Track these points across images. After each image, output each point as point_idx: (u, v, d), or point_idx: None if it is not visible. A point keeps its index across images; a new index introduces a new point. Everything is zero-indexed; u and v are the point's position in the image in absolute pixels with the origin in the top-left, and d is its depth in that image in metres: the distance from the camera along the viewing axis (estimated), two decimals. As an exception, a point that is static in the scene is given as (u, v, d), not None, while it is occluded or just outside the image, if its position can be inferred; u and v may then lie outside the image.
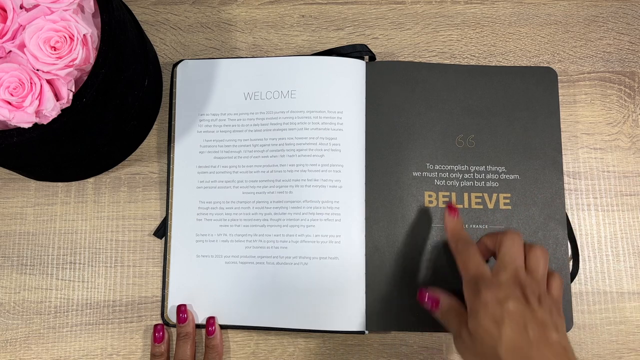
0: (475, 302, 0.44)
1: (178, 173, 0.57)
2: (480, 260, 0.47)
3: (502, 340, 0.42)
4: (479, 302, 0.44)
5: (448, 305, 0.48)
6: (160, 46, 0.60)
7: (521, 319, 0.42)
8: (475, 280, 0.45)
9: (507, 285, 0.44)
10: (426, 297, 0.49)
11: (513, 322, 0.42)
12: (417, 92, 0.57)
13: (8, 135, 0.42)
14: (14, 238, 0.57)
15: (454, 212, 0.51)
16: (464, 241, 0.49)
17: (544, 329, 0.42)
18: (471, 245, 0.48)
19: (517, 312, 0.43)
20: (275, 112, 0.56)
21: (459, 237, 0.50)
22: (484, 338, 0.43)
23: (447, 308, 0.48)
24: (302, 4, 0.61)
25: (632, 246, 0.56)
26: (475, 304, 0.44)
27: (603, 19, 0.61)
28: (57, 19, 0.42)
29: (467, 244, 0.48)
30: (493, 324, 0.42)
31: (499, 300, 0.43)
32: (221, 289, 0.55)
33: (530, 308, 0.43)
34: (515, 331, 0.42)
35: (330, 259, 0.54)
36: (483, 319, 0.43)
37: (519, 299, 0.43)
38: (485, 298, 0.43)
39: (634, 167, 0.58)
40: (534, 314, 0.43)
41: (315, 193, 0.54)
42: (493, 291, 0.44)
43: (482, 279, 0.45)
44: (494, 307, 0.43)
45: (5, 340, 0.55)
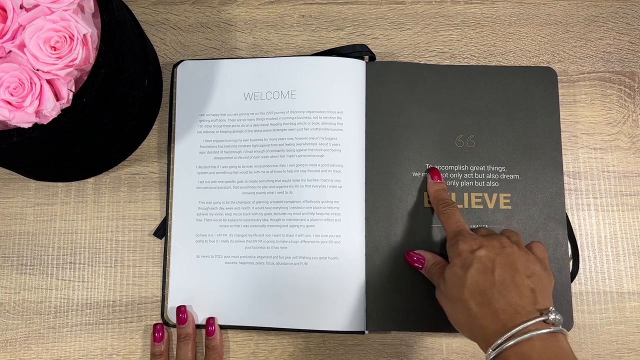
0: (452, 253, 0.48)
1: (178, 173, 0.57)
2: (460, 219, 0.50)
3: (466, 282, 0.44)
4: (455, 252, 0.47)
5: (432, 261, 0.51)
6: (160, 46, 0.60)
7: (489, 263, 0.45)
8: (455, 235, 0.49)
9: (484, 238, 0.47)
10: (413, 256, 0.52)
11: (480, 265, 0.45)
12: (417, 92, 0.57)
13: (8, 135, 0.42)
14: (14, 238, 0.57)
15: (437, 176, 0.54)
16: (446, 202, 0.52)
17: (514, 272, 0.44)
18: (452, 206, 0.52)
19: (486, 258, 0.45)
20: (275, 112, 0.56)
21: (440, 198, 0.53)
22: (453, 282, 0.46)
23: (432, 264, 0.51)
24: (302, 4, 0.61)
25: (632, 246, 0.56)
26: (452, 254, 0.48)
27: (603, 19, 0.61)
28: (57, 19, 0.42)
29: (448, 205, 0.52)
30: (462, 269, 0.45)
31: (471, 249, 0.46)
32: (221, 289, 0.55)
33: (505, 252, 0.45)
34: (480, 273, 0.44)
35: (330, 259, 0.54)
36: (455, 265, 0.46)
37: (493, 248, 0.46)
38: (461, 248, 0.47)
39: (634, 167, 0.58)
40: (506, 258, 0.45)
41: (315, 193, 0.54)
42: (469, 242, 0.47)
43: (461, 233, 0.48)
44: (466, 254, 0.46)
45: (5, 340, 0.55)
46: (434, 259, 0.52)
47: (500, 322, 0.42)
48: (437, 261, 0.51)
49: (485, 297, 0.43)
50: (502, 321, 0.42)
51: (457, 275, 0.45)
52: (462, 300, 0.44)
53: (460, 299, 0.44)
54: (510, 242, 0.47)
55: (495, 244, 0.46)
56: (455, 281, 0.45)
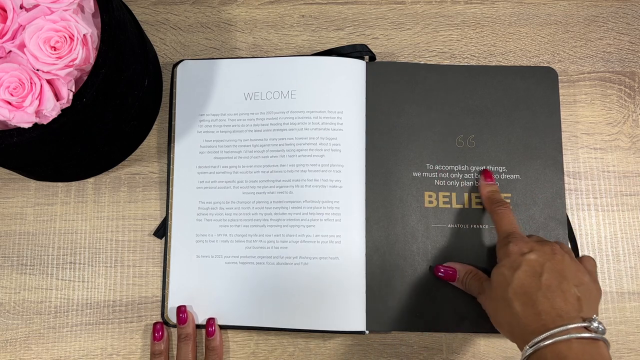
0: (502, 254, 0.48)
1: (178, 173, 0.57)
2: (513, 220, 0.50)
3: (513, 282, 0.45)
4: (505, 253, 0.47)
5: (464, 271, 0.51)
6: (160, 46, 0.60)
7: (538, 267, 0.45)
8: (507, 236, 0.49)
9: (536, 243, 0.47)
10: (442, 270, 0.52)
11: (529, 268, 0.45)
12: (417, 92, 0.57)
13: (8, 135, 0.42)
14: (14, 238, 0.57)
15: (490, 177, 0.54)
16: (499, 202, 0.52)
17: (562, 279, 0.44)
18: (506, 206, 0.51)
19: (536, 261, 0.45)
20: (276, 112, 0.56)
21: (494, 199, 0.53)
22: (499, 282, 0.46)
23: (464, 274, 0.51)
24: (302, 4, 0.61)
25: (632, 246, 0.56)
26: (501, 255, 0.48)
27: (603, 19, 0.61)
28: (57, 19, 0.42)
29: (501, 205, 0.52)
30: (510, 270, 0.45)
31: (522, 252, 0.46)
32: (221, 290, 0.55)
33: (555, 259, 0.45)
34: (527, 275, 0.44)
35: (331, 259, 0.54)
36: (503, 266, 0.46)
37: (544, 253, 0.46)
38: (511, 249, 0.47)
39: (634, 167, 0.58)
40: (556, 264, 0.45)
41: (315, 193, 0.54)
42: (520, 244, 0.47)
43: (513, 235, 0.48)
44: (516, 256, 0.46)
45: (5, 340, 0.55)
46: (464, 268, 0.52)
47: (541, 322, 0.42)
48: (468, 270, 0.51)
49: (530, 298, 0.43)
50: (543, 321, 0.42)
51: (503, 275, 0.46)
52: (506, 299, 0.44)
53: (504, 298, 0.45)
54: (561, 250, 0.47)
55: (547, 249, 0.46)
56: (502, 281, 0.46)
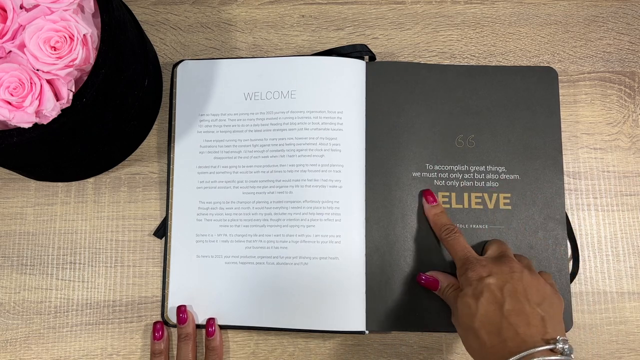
0: (463, 281, 0.48)
1: (178, 173, 0.57)
2: (465, 244, 0.50)
3: (478, 312, 0.45)
4: (466, 280, 0.47)
5: (446, 283, 0.51)
6: (160, 46, 0.60)
7: (499, 292, 0.45)
8: (463, 262, 0.49)
9: (494, 264, 0.47)
10: (425, 279, 0.52)
11: (490, 294, 0.45)
12: (417, 92, 0.57)
13: (8, 135, 0.42)
14: (14, 238, 0.57)
15: (432, 198, 0.54)
16: (447, 228, 0.52)
17: (524, 300, 0.44)
18: (455, 231, 0.52)
19: (495, 286, 0.45)
20: (275, 112, 0.56)
21: (441, 224, 0.53)
22: (465, 312, 0.46)
23: (446, 285, 0.51)
24: (302, 4, 0.61)
25: (632, 246, 0.56)
26: (462, 282, 0.48)
27: (603, 19, 0.61)
28: (57, 19, 0.42)
29: (451, 232, 0.52)
30: (473, 299, 0.46)
31: (480, 277, 0.46)
32: (221, 290, 0.55)
33: (514, 278, 0.45)
34: (490, 303, 0.45)
35: (331, 259, 0.54)
36: (466, 294, 0.46)
37: (502, 274, 0.46)
38: (470, 276, 0.47)
39: (634, 167, 0.58)
40: (516, 284, 0.45)
41: (315, 193, 0.54)
42: (477, 270, 0.47)
43: (468, 260, 0.48)
44: (476, 283, 0.46)
45: (5, 340, 0.55)
46: (447, 280, 0.52)
47: (507, 350, 0.42)
48: (450, 282, 0.51)
49: (495, 326, 0.44)
50: (509, 348, 0.42)
51: (468, 305, 0.46)
52: (473, 329, 0.45)
53: (472, 328, 0.45)
54: (520, 267, 0.47)
55: (505, 269, 0.46)
56: (467, 311, 0.46)
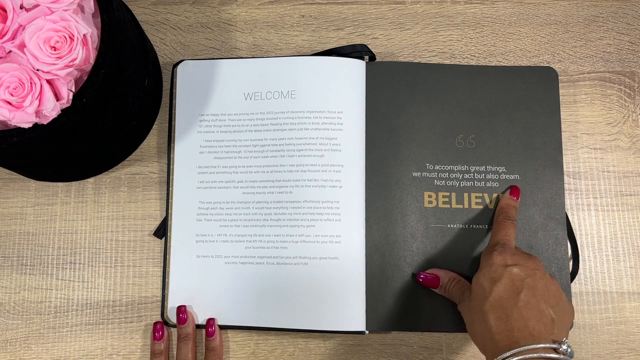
0: (484, 261, 0.47)
1: (178, 173, 0.57)
2: (511, 234, 0.50)
3: (491, 295, 0.44)
4: (487, 262, 0.47)
5: (447, 278, 0.51)
6: (160, 46, 0.60)
7: (518, 282, 0.44)
8: (494, 245, 0.48)
9: (521, 257, 0.47)
10: (424, 277, 0.52)
11: (509, 282, 0.44)
12: (417, 92, 0.57)
13: (8, 135, 0.42)
14: (14, 238, 0.57)
15: (516, 194, 0.54)
16: (507, 216, 0.52)
17: (540, 298, 0.44)
18: (512, 222, 0.51)
19: (517, 276, 0.45)
20: (276, 112, 0.56)
21: (507, 212, 0.52)
22: (477, 292, 0.46)
23: (447, 280, 0.51)
24: (302, 4, 0.61)
25: (632, 246, 0.56)
26: (483, 262, 0.47)
27: (603, 19, 0.61)
28: (57, 19, 0.42)
29: (509, 219, 0.51)
30: (490, 281, 0.45)
31: (505, 264, 0.46)
32: (221, 290, 0.55)
33: (537, 275, 0.45)
34: (507, 290, 0.44)
35: (331, 259, 0.54)
36: (483, 275, 0.46)
37: (527, 268, 0.45)
38: (494, 260, 0.46)
39: (634, 167, 0.58)
40: (537, 281, 0.45)
41: (315, 193, 0.54)
42: (504, 256, 0.46)
43: (501, 245, 0.48)
44: (498, 268, 0.46)
45: (5, 340, 0.55)
46: (447, 275, 0.52)
47: (513, 339, 0.42)
48: (451, 277, 0.51)
49: (505, 313, 0.43)
50: (515, 338, 0.42)
51: (482, 287, 0.45)
52: (482, 311, 0.44)
53: (481, 310, 0.44)
54: (544, 268, 0.47)
55: (531, 264, 0.46)
56: (480, 292, 0.45)
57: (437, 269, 0.53)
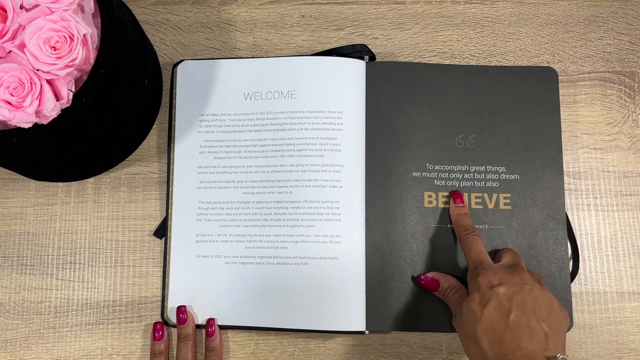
0: (472, 286, 0.47)
1: (178, 173, 0.57)
2: (481, 248, 0.50)
3: (482, 320, 0.44)
4: (474, 286, 0.47)
5: (447, 284, 0.51)
6: (160, 46, 0.60)
7: (507, 302, 0.44)
8: (476, 266, 0.48)
9: (505, 273, 0.46)
10: (424, 280, 0.52)
11: (497, 304, 0.44)
12: (417, 92, 0.57)
13: (8, 135, 0.42)
14: (14, 238, 0.57)
15: (460, 199, 0.54)
16: (467, 229, 0.51)
17: (530, 314, 0.44)
18: (475, 234, 0.51)
19: (504, 296, 0.45)
20: (276, 112, 0.56)
21: (462, 224, 0.52)
22: (468, 317, 0.45)
23: (447, 287, 0.51)
24: (302, 4, 0.61)
25: (632, 246, 0.56)
26: (471, 287, 0.47)
27: (603, 19, 0.61)
28: (57, 19, 0.42)
29: (470, 233, 0.51)
30: (479, 305, 0.45)
31: (491, 284, 0.45)
32: (221, 289, 0.55)
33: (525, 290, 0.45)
34: (496, 312, 0.44)
35: (331, 259, 0.54)
36: (472, 300, 0.46)
37: (513, 285, 0.45)
38: (480, 283, 0.46)
39: (634, 167, 0.58)
40: (525, 297, 0.44)
41: (315, 193, 0.54)
42: (489, 277, 0.46)
43: (482, 265, 0.48)
44: (486, 291, 0.45)
45: (5, 340, 0.55)
46: (447, 281, 0.51)
47: None
48: (451, 284, 0.51)
49: (497, 337, 0.43)
50: None
51: (473, 311, 0.45)
52: (475, 336, 0.44)
53: (474, 335, 0.44)
54: (531, 279, 0.46)
55: (516, 280, 0.46)
56: (471, 317, 0.45)
57: (438, 272, 0.53)
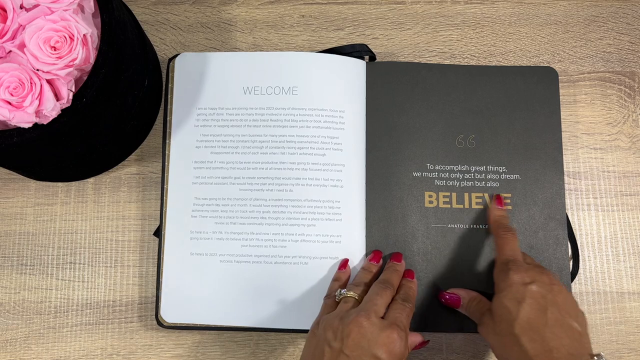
0: (502, 283, 0.46)
1: (173, 168, 0.56)
2: (516, 246, 0.49)
3: (519, 317, 0.44)
4: (506, 282, 0.46)
5: (468, 298, 0.51)
6: (160, 46, 0.60)
7: (542, 300, 0.44)
8: (507, 262, 0.48)
9: (536, 272, 0.46)
10: (446, 297, 0.52)
11: (534, 302, 0.44)
12: (417, 92, 0.57)
13: (8, 135, 0.42)
14: (14, 238, 0.57)
15: (501, 203, 0.54)
16: (505, 227, 0.51)
17: (564, 313, 0.44)
18: (512, 232, 0.51)
19: (539, 294, 0.44)
20: (276, 108, 0.56)
21: (501, 224, 0.52)
22: (503, 315, 0.45)
23: (468, 300, 0.51)
24: (302, 4, 0.61)
25: (632, 246, 0.56)
26: (502, 284, 0.47)
27: (603, 19, 0.61)
28: (57, 19, 0.42)
29: (507, 230, 0.51)
30: (514, 303, 0.44)
31: (524, 282, 0.45)
32: (216, 288, 0.54)
33: (554, 290, 0.45)
34: (533, 310, 0.44)
35: (331, 258, 0.54)
36: (506, 297, 0.45)
37: (544, 284, 0.45)
38: (512, 279, 0.46)
39: (634, 167, 0.58)
40: (556, 297, 0.44)
41: (316, 192, 0.54)
42: (521, 274, 0.46)
43: (514, 262, 0.47)
44: (518, 287, 0.45)
45: (5, 340, 0.55)
46: (468, 295, 0.51)
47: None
48: (472, 297, 0.51)
49: (538, 334, 0.43)
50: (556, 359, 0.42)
51: (507, 309, 0.44)
52: (513, 334, 0.43)
53: (511, 333, 0.44)
54: (558, 281, 0.46)
55: (545, 279, 0.46)
56: (505, 315, 0.44)
57: (458, 288, 0.52)
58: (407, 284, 0.50)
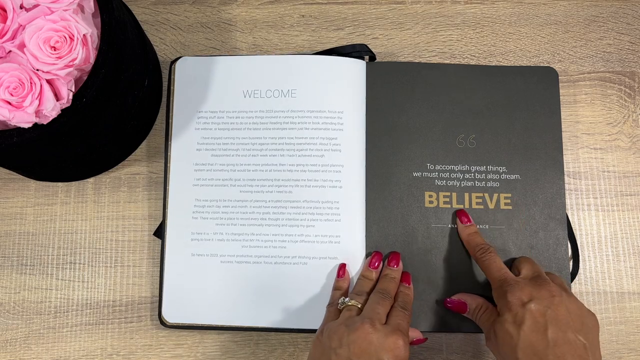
0: (501, 305, 0.46)
1: (174, 170, 0.56)
2: (500, 264, 0.49)
3: (520, 342, 0.43)
4: (504, 306, 0.46)
5: (475, 305, 0.50)
6: (160, 46, 0.60)
7: (542, 319, 0.44)
8: (500, 284, 0.47)
9: (533, 288, 0.46)
10: (451, 303, 0.52)
11: (533, 323, 0.44)
12: (417, 92, 0.57)
13: (8, 135, 0.42)
14: (14, 238, 0.57)
15: (467, 218, 0.53)
16: (482, 248, 0.51)
17: (566, 328, 0.43)
18: (490, 251, 0.50)
19: (538, 313, 0.44)
20: (275, 110, 0.56)
21: (475, 244, 0.52)
22: (505, 339, 0.44)
23: (475, 306, 0.50)
24: (302, 4, 0.61)
25: (632, 246, 0.56)
26: (501, 306, 0.46)
27: (603, 19, 0.61)
28: (57, 19, 0.42)
29: (486, 251, 0.50)
30: (514, 327, 0.44)
31: (522, 302, 0.45)
32: (216, 288, 0.54)
33: (555, 303, 0.44)
34: (534, 332, 0.43)
35: (330, 259, 0.54)
36: (506, 321, 0.45)
37: (543, 300, 0.45)
38: (511, 301, 0.45)
39: (634, 167, 0.58)
40: (557, 310, 0.44)
41: (315, 193, 0.54)
42: (517, 294, 0.45)
43: (507, 282, 0.47)
44: (517, 309, 0.45)
45: (5, 340, 0.55)
46: (474, 301, 0.50)
47: None
48: (479, 304, 0.50)
49: (539, 357, 0.43)
50: None
51: (509, 333, 0.44)
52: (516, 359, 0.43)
53: (514, 357, 0.44)
54: (558, 290, 0.46)
55: (544, 294, 0.45)
56: (508, 340, 0.44)
57: (463, 293, 0.52)
58: (404, 291, 0.51)
